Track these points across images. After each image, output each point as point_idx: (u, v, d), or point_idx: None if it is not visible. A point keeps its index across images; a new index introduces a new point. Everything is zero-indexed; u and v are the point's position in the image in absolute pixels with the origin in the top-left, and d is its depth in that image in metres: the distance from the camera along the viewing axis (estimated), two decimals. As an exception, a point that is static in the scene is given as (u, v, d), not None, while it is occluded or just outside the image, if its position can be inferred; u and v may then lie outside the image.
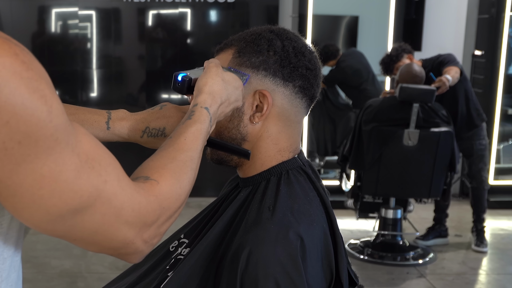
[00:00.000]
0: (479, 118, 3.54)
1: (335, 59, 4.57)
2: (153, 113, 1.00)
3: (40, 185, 0.57)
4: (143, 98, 4.66)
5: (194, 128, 0.83)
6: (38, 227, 0.62)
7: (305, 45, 1.00)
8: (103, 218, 0.64)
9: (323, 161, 4.85)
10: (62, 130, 0.58)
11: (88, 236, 0.66)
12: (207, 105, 0.87)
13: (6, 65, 0.52)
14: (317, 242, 0.91)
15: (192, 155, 0.81)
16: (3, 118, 0.52)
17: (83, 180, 0.60)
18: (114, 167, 0.66)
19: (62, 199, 0.59)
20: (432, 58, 3.58)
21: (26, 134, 0.54)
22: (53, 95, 0.57)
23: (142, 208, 0.69)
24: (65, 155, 0.58)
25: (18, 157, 0.55)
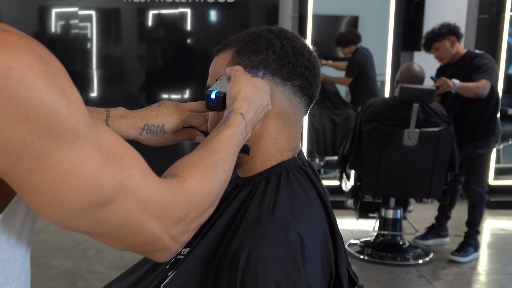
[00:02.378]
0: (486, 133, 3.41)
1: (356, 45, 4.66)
2: (151, 110, 1.00)
3: (62, 180, 0.56)
4: (143, 98, 4.66)
5: (228, 131, 0.83)
6: (62, 224, 0.61)
7: (304, 45, 1.00)
8: (127, 212, 0.63)
9: (323, 161, 4.85)
10: (82, 123, 0.57)
11: (113, 231, 0.65)
12: (242, 111, 0.86)
13: (23, 60, 0.52)
14: (317, 242, 0.91)
15: (225, 157, 0.80)
16: (22, 113, 0.52)
17: (105, 174, 0.59)
18: (137, 161, 0.65)
19: (85, 194, 0.58)
20: (474, 54, 3.43)
21: (45, 128, 0.53)
22: (71, 88, 0.56)
23: (168, 203, 0.68)
24: (87, 149, 0.57)
25: (39, 152, 0.54)
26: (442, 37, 3.44)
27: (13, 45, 0.52)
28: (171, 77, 4.65)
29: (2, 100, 0.51)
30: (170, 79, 4.66)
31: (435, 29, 3.49)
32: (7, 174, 0.56)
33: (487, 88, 3.28)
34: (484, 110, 3.40)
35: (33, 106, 0.52)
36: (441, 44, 3.45)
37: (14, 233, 0.64)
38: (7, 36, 0.52)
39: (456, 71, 3.45)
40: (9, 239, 0.63)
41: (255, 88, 0.89)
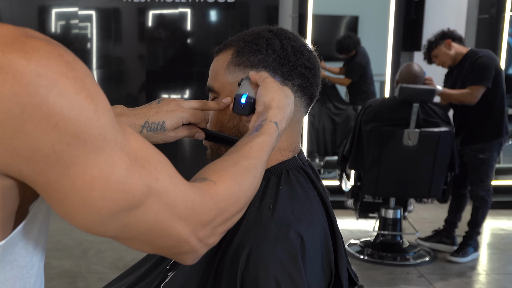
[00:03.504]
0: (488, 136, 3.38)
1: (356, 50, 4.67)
2: (151, 108, 0.99)
3: (91, 187, 0.56)
4: (143, 98, 4.66)
5: (261, 139, 0.83)
6: (91, 230, 0.61)
7: (304, 45, 1.00)
8: (156, 216, 0.63)
9: (323, 161, 4.85)
10: (110, 129, 0.57)
11: (142, 235, 0.65)
12: (277, 120, 0.86)
13: (52, 67, 0.52)
14: (317, 242, 0.91)
15: (256, 164, 0.80)
16: (52, 120, 0.52)
17: (134, 179, 0.59)
18: (164, 164, 0.65)
19: (114, 199, 0.58)
20: (475, 52, 3.39)
21: (75, 135, 0.53)
22: (98, 93, 0.56)
23: (196, 205, 0.67)
24: (115, 154, 0.57)
25: (68, 159, 0.54)
26: (436, 43, 3.46)
27: (41, 52, 0.52)
28: (171, 77, 4.65)
29: (32, 108, 0.51)
30: (170, 79, 4.66)
31: (429, 39, 3.52)
32: (36, 181, 0.55)
33: (476, 95, 3.27)
34: (488, 111, 3.37)
35: (63, 113, 0.52)
36: (438, 51, 3.47)
37: (32, 239, 0.64)
38: (35, 42, 0.52)
39: (459, 71, 3.44)
40: (27, 245, 0.63)
41: (286, 97, 0.89)
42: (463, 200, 3.60)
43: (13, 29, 0.53)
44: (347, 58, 4.79)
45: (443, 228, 3.69)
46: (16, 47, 0.51)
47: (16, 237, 0.60)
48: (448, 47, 3.44)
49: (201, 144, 1.04)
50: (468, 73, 3.34)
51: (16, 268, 0.62)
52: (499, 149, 3.45)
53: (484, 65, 3.31)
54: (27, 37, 0.52)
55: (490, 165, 3.44)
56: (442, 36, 3.46)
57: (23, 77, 0.50)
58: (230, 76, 0.98)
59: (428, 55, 3.52)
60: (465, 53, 3.42)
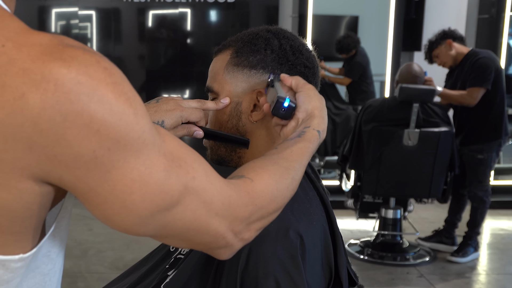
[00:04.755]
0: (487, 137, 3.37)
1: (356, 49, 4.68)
2: (150, 107, 0.99)
3: (131, 190, 0.57)
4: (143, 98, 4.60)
5: (302, 144, 0.84)
6: (130, 231, 0.61)
7: (303, 44, 1.00)
8: (194, 214, 0.64)
9: (323, 161, 4.85)
10: (148, 131, 0.57)
11: (180, 233, 0.65)
12: (320, 129, 0.88)
13: (91, 74, 0.52)
14: (316, 241, 0.91)
15: (296, 166, 0.81)
16: (93, 127, 0.52)
17: (172, 179, 0.60)
18: (199, 163, 0.65)
19: (154, 201, 0.59)
20: (476, 53, 3.38)
21: (115, 139, 0.54)
22: (135, 97, 0.57)
23: (232, 201, 0.68)
24: (153, 156, 0.58)
25: (108, 164, 0.55)
26: (437, 43, 3.45)
27: (80, 59, 0.52)
28: (171, 77, 4.65)
29: (74, 116, 0.51)
30: (170, 79, 4.66)
31: (430, 39, 3.51)
32: (77, 187, 0.56)
33: (476, 97, 3.27)
34: (487, 112, 3.36)
35: (104, 119, 0.53)
36: (438, 51, 3.46)
37: (55, 246, 0.64)
38: (73, 51, 0.53)
39: (460, 71, 3.43)
40: (50, 253, 0.63)
41: (324, 107, 0.91)
42: (463, 201, 3.60)
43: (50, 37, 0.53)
44: (347, 58, 4.79)
45: (443, 228, 3.69)
46: (55, 56, 0.51)
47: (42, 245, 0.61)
48: (449, 47, 3.42)
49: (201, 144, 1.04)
50: (468, 74, 3.33)
51: (38, 276, 0.63)
52: (498, 150, 3.45)
53: (484, 66, 3.30)
54: (64, 45, 0.53)
55: (488, 166, 3.44)
56: (443, 36, 3.45)
57: (64, 86, 0.51)
58: (229, 76, 0.98)
59: (429, 55, 3.52)
60: (466, 53, 3.41)
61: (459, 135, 3.43)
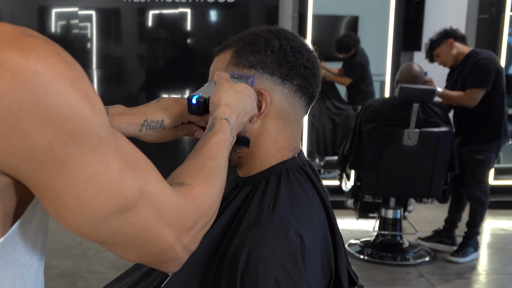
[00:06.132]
0: (486, 137, 3.37)
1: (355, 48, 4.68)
2: (150, 107, 1.00)
3: (86, 186, 0.57)
4: (143, 98, 4.66)
5: (217, 137, 0.84)
6: (82, 232, 0.61)
7: (304, 44, 1.00)
8: (145, 219, 0.64)
9: (323, 161, 4.85)
10: (105, 130, 0.58)
11: (130, 240, 0.65)
12: (226, 116, 0.88)
13: (50, 66, 0.52)
14: (317, 241, 0.91)
15: (219, 163, 0.81)
16: (49, 118, 0.52)
17: (127, 180, 0.60)
18: (152, 169, 0.66)
19: (108, 200, 0.59)
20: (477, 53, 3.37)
21: (71, 134, 0.54)
22: (95, 95, 0.57)
23: (181, 210, 0.69)
24: (109, 155, 0.58)
25: (64, 158, 0.55)
26: (438, 42, 3.44)
27: (40, 50, 0.52)
28: (171, 77, 4.65)
29: (30, 106, 0.51)
30: (170, 79, 4.66)
31: (432, 37, 3.49)
32: (31, 179, 0.56)
33: (475, 98, 3.27)
34: (487, 112, 3.36)
35: (60, 111, 0.53)
36: (440, 50, 3.45)
37: (30, 238, 0.64)
38: (34, 41, 0.53)
39: (460, 71, 3.42)
40: (26, 244, 0.63)
41: (237, 94, 0.90)
42: (463, 201, 3.60)
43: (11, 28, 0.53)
44: (346, 57, 4.79)
45: (443, 228, 3.69)
46: (14, 45, 0.51)
47: (15, 236, 0.61)
48: (450, 47, 3.41)
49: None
50: (468, 74, 3.33)
51: (16, 267, 0.63)
52: (497, 150, 3.45)
53: (484, 67, 3.29)
54: (25, 35, 0.53)
55: (487, 166, 3.44)
56: (444, 35, 3.43)
57: (21, 75, 0.51)
58: None
59: (430, 54, 3.50)
60: (467, 53, 3.40)
61: (459, 135, 3.43)
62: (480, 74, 3.28)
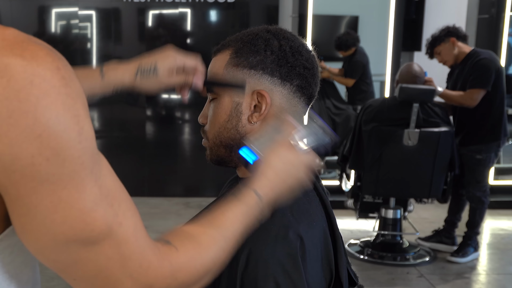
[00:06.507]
0: (486, 138, 3.37)
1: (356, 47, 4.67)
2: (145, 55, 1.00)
3: (56, 208, 0.56)
4: (143, 98, 4.66)
5: (238, 210, 0.77)
6: (41, 254, 0.60)
7: (303, 44, 0.99)
8: (107, 262, 0.61)
9: (323, 161, 4.85)
10: (89, 155, 0.57)
11: (88, 277, 0.62)
12: (262, 194, 0.80)
13: (46, 78, 0.52)
14: (316, 242, 0.91)
15: (227, 235, 0.74)
16: (36, 130, 0.52)
17: (98, 214, 0.58)
18: (133, 213, 0.63)
19: (72, 227, 0.57)
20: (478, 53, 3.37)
21: (55, 151, 0.53)
22: (86, 117, 0.56)
23: (151, 268, 0.64)
24: (87, 183, 0.57)
25: (43, 175, 0.54)
26: (441, 40, 3.41)
27: (40, 61, 0.52)
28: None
29: (19, 114, 0.51)
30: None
31: (434, 34, 3.46)
32: (7, 191, 0.55)
33: (476, 98, 3.27)
34: (487, 113, 3.36)
35: (48, 125, 0.52)
36: (441, 48, 3.43)
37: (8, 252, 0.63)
38: (36, 50, 0.52)
39: (461, 71, 3.42)
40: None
41: (290, 167, 0.84)
42: (462, 201, 3.60)
43: (17, 34, 0.53)
44: (346, 57, 4.79)
45: (443, 228, 3.69)
46: (15, 52, 0.51)
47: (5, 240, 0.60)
48: (452, 46, 3.40)
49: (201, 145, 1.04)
50: (469, 74, 3.33)
51: None
52: (497, 150, 3.45)
53: (485, 68, 3.29)
54: (29, 43, 0.53)
55: (486, 166, 3.44)
56: (447, 34, 3.41)
57: (16, 83, 0.51)
58: (228, 76, 0.97)
59: (431, 50, 3.48)
60: (468, 53, 3.40)
61: (458, 135, 3.43)
62: (480, 75, 3.28)
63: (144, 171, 4.60)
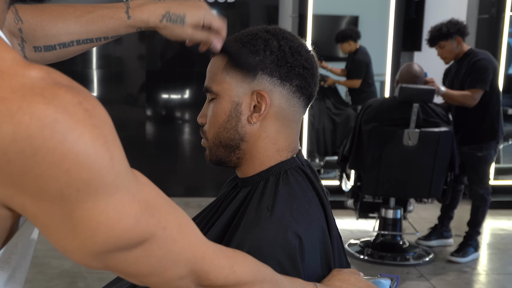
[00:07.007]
0: (485, 136, 3.40)
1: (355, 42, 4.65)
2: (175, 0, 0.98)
3: (95, 232, 0.56)
4: (143, 98, 4.66)
5: None
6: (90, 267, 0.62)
7: (302, 44, 0.99)
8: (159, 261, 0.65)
9: (323, 161, 4.85)
10: (122, 176, 0.57)
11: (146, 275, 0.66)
12: None
13: (70, 113, 0.52)
14: (316, 242, 0.91)
15: None
16: (63, 166, 0.52)
17: (141, 227, 0.60)
18: (174, 215, 0.66)
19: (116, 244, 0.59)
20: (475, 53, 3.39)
21: (86, 181, 0.53)
22: (115, 141, 0.56)
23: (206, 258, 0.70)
24: (126, 202, 0.58)
25: (75, 204, 0.54)
26: (449, 36, 3.40)
27: (60, 99, 0.51)
28: (171, 77, 4.65)
29: (45, 152, 0.51)
30: (170, 79, 4.66)
31: (443, 27, 3.43)
32: (38, 218, 0.55)
33: (476, 98, 3.29)
34: (484, 112, 3.38)
35: (77, 159, 0.52)
36: (447, 43, 3.42)
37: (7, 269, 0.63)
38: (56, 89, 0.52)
39: (458, 69, 3.44)
40: None
41: None
42: (457, 195, 3.63)
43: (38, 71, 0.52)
44: (348, 57, 4.78)
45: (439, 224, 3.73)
46: (35, 91, 0.51)
47: None
48: (457, 45, 3.41)
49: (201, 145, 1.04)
50: (467, 74, 3.34)
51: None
52: (496, 147, 3.48)
53: (483, 68, 3.31)
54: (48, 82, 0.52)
55: (488, 163, 3.46)
56: (457, 31, 3.40)
57: (40, 121, 0.50)
58: (228, 76, 0.97)
59: (435, 42, 3.46)
60: (466, 52, 3.43)
61: (457, 135, 3.44)
62: (479, 75, 3.30)
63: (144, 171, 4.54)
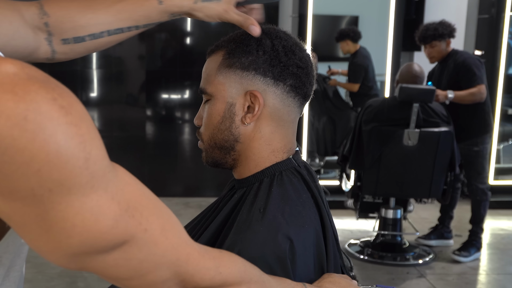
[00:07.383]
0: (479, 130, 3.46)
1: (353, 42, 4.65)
2: None
3: (69, 234, 0.54)
4: (143, 98, 4.66)
5: None
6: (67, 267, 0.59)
7: (296, 43, 0.97)
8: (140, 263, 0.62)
9: (323, 161, 4.85)
10: (100, 177, 0.54)
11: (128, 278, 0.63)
12: None
13: (42, 112, 0.49)
14: (308, 245, 0.90)
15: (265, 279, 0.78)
16: (34, 166, 0.49)
17: (119, 229, 0.57)
18: (158, 216, 0.63)
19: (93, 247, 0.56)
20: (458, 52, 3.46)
21: (58, 182, 0.51)
22: (93, 139, 0.53)
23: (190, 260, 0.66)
24: (103, 203, 0.55)
25: (48, 205, 0.51)
26: (442, 37, 3.47)
27: (32, 95, 0.49)
28: (171, 77, 4.65)
29: (14, 152, 0.48)
30: (170, 79, 4.66)
31: (437, 27, 3.47)
32: (11, 219, 0.54)
33: (483, 92, 3.34)
34: (475, 107, 3.42)
35: (48, 159, 0.50)
36: (438, 44, 3.48)
37: None
38: (28, 85, 0.49)
39: (443, 69, 3.51)
40: None
41: None
42: (455, 193, 3.64)
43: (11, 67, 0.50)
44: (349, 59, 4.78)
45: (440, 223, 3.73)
46: (6, 88, 0.48)
47: None
48: (446, 46, 3.49)
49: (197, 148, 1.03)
50: (455, 73, 3.40)
51: None
52: (490, 142, 3.55)
53: (475, 65, 3.37)
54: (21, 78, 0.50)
55: (484, 157, 3.50)
56: (449, 33, 3.47)
57: (8, 120, 0.48)
58: (222, 77, 0.96)
59: (428, 41, 3.50)
60: (449, 52, 3.50)
61: None
62: (476, 72, 3.35)
63: (144, 171, 4.60)
